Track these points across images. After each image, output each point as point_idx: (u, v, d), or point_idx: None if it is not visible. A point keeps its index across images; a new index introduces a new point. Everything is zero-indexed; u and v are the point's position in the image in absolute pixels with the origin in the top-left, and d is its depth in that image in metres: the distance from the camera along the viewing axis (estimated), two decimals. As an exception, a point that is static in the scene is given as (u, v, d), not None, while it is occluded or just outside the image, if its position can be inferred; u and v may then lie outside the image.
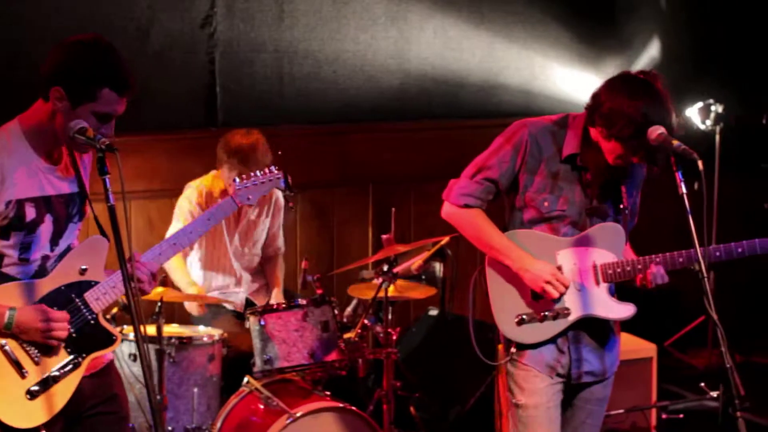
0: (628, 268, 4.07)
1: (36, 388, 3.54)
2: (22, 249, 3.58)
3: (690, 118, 7.31)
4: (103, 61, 3.50)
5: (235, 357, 5.58)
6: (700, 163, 3.64)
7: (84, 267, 3.64)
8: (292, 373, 5.20)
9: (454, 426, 6.02)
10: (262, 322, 5.16)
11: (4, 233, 3.54)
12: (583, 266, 4.08)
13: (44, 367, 3.56)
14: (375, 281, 5.54)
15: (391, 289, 5.41)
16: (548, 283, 4.01)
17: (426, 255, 5.74)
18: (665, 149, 3.78)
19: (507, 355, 4.12)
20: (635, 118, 3.83)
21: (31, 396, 3.54)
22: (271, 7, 6.83)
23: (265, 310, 5.21)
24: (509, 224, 4.17)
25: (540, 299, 4.07)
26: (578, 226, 4.10)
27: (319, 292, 5.32)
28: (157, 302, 5.17)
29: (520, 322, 4.07)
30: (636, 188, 4.22)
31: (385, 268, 5.39)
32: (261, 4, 6.80)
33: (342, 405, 5.00)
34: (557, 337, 4.09)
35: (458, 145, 6.50)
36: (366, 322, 5.42)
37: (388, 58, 7.19)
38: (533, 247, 4.07)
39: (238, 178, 4.06)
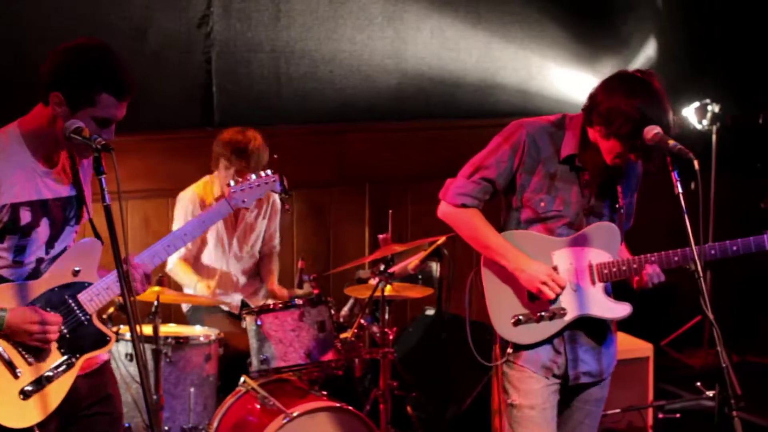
0: (624, 268, 4.07)
1: (29, 388, 3.55)
2: (17, 252, 3.58)
3: (686, 117, 7.31)
4: (102, 66, 3.50)
5: (232, 357, 5.58)
6: (696, 163, 3.64)
7: (77, 268, 3.64)
8: (289, 373, 5.20)
9: (450, 426, 6.02)
10: (259, 322, 5.16)
11: None
12: (578, 266, 4.08)
13: (38, 368, 3.56)
14: (372, 281, 5.54)
15: (387, 288, 5.42)
16: (544, 283, 4.01)
17: (423, 255, 5.74)
18: (661, 149, 3.79)
19: (503, 356, 4.12)
20: (633, 116, 3.83)
21: (25, 396, 3.54)
22: (268, 7, 6.83)
23: (262, 310, 5.21)
24: (505, 224, 4.17)
25: (536, 300, 4.07)
26: (574, 226, 4.10)
27: (316, 291, 5.32)
28: (153, 302, 5.17)
29: (516, 323, 4.07)
30: (632, 188, 4.22)
31: (382, 267, 5.40)
32: (258, 4, 6.80)
33: (339, 405, 5.00)
34: (553, 337, 4.09)
35: (455, 145, 6.51)
36: (362, 321, 5.42)
37: (385, 58, 7.19)
38: (529, 247, 4.07)
39: (233, 181, 4.05)
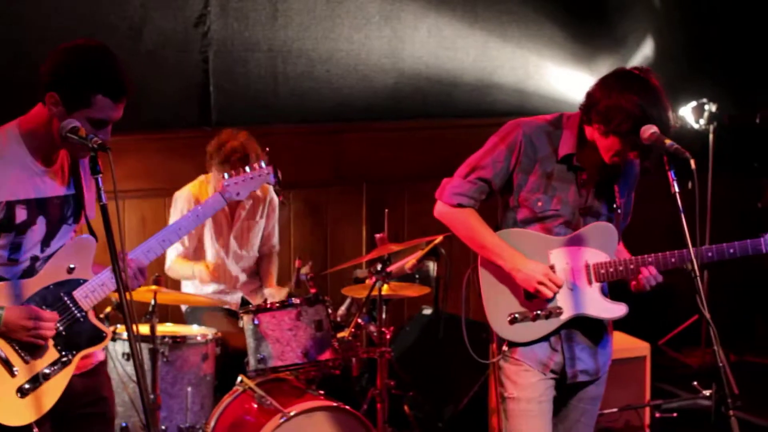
0: (621, 268, 4.06)
1: (27, 386, 3.55)
2: (12, 249, 3.58)
3: (683, 117, 7.31)
4: (98, 67, 3.50)
5: (229, 356, 5.57)
6: (692, 162, 3.65)
7: (72, 266, 3.65)
8: (286, 372, 5.20)
9: (447, 425, 6.02)
10: (256, 321, 5.16)
11: None
12: (575, 266, 4.08)
13: (34, 365, 3.57)
14: (369, 280, 5.54)
15: (384, 288, 5.41)
16: (541, 283, 4.01)
17: (420, 254, 5.72)
18: (658, 148, 3.78)
19: (499, 354, 4.12)
20: (633, 112, 3.82)
21: (22, 394, 3.55)
22: (265, 6, 6.82)
23: (259, 309, 5.21)
24: (502, 224, 4.16)
25: (533, 299, 4.07)
26: (571, 226, 4.10)
27: (313, 291, 5.31)
28: (150, 302, 5.16)
29: (513, 321, 4.07)
30: (629, 188, 4.22)
31: (379, 267, 5.39)
32: (255, 3, 6.80)
33: (336, 404, 5.00)
34: (550, 336, 4.09)
35: (452, 145, 6.50)
36: (360, 321, 5.42)
37: (382, 57, 7.19)
38: (526, 246, 4.07)
39: (227, 174, 4.04)
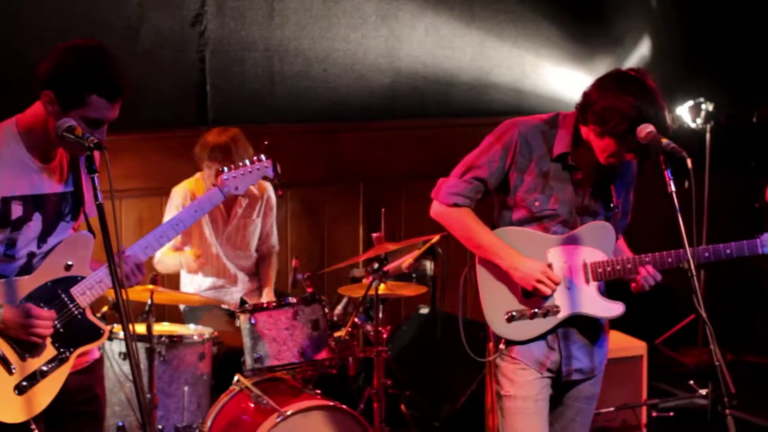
0: (618, 267, 4.07)
1: (24, 383, 3.56)
2: (8, 245, 3.59)
3: (680, 116, 7.31)
4: (94, 67, 3.50)
5: (226, 355, 5.57)
6: (689, 161, 3.65)
7: (70, 262, 3.65)
8: (283, 372, 5.19)
9: (444, 424, 6.02)
10: (253, 321, 5.15)
11: None
12: (573, 264, 4.08)
13: (32, 362, 3.57)
14: (365, 280, 5.54)
15: (381, 287, 5.41)
16: (539, 281, 4.01)
17: (416, 253, 5.72)
18: (654, 148, 3.78)
19: (496, 352, 4.12)
20: (630, 114, 3.82)
21: (20, 391, 3.56)
22: (262, 6, 6.82)
23: (256, 309, 5.20)
24: (498, 223, 4.16)
25: (530, 297, 4.07)
26: (569, 225, 4.10)
27: (310, 290, 5.31)
28: (147, 301, 5.16)
29: (510, 319, 4.07)
30: (626, 187, 4.22)
31: (376, 266, 5.39)
32: (251, 3, 6.79)
33: (332, 403, 5.00)
34: (547, 334, 4.09)
35: (449, 144, 6.51)
36: (356, 320, 5.42)
37: (379, 57, 7.19)
38: (523, 245, 4.07)
39: (226, 168, 4.01)
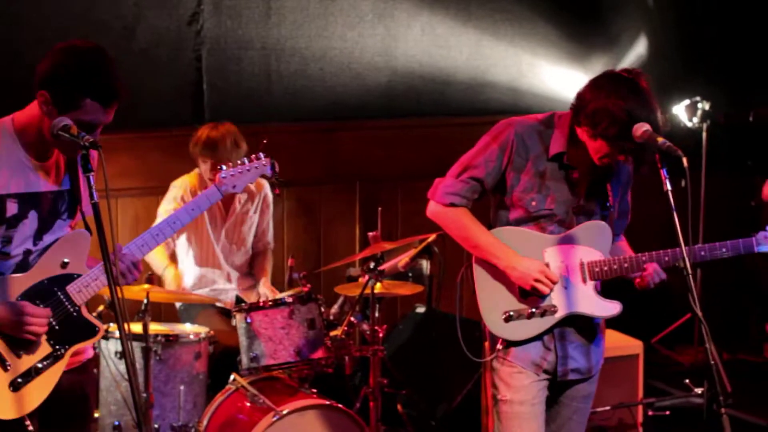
0: (615, 267, 4.07)
1: (19, 380, 3.56)
2: (3, 243, 3.59)
3: (677, 115, 7.32)
4: (90, 70, 3.49)
5: (222, 354, 5.57)
6: (684, 160, 3.65)
7: (66, 260, 3.65)
8: (279, 371, 5.19)
9: (441, 423, 6.01)
10: (249, 320, 5.15)
11: None
12: (570, 264, 4.08)
13: (27, 359, 3.58)
14: (362, 279, 5.53)
15: (377, 286, 5.41)
16: (537, 280, 4.01)
17: (413, 252, 5.73)
18: (650, 146, 3.79)
19: (493, 352, 4.13)
20: (620, 117, 3.82)
21: (15, 388, 3.56)
22: (258, 5, 6.82)
23: (252, 308, 5.20)
24: (494, 223, 4.16)
25: (528, 296, 4.07)
26: (565, 225, 4.10)
27: (306, 289, 5.31)
28: (143, 300, 5.16)
29: (508, 319, 4.07)
30: (623, 186, 4.22)
31: (372, 265, 5.39)
32: (248, 2, 6.79)
33: (328, 402, 4.99)
34: (543, 334, 4.10)
35: (446, 143, 6.50)
36: (352, 319, 5.41)
37: (376, 56, 7.18)
38: (520, 244, 4.07)
39: (224, 166, 4.01)
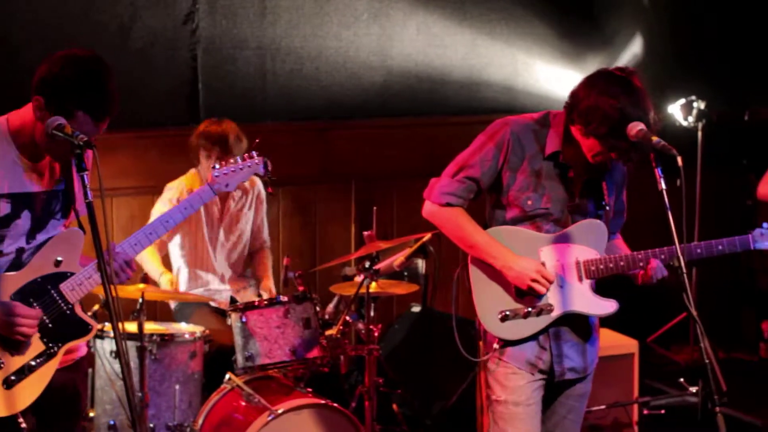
0: (611, 265, 4.07)
1: (13, 377, 3.57)
2: None
3: (672, 114, 7.32)
4: (85, 83, 3.48)
5: (217, 354, 5.57)
6: (679, 159, 3.66)
7: (59, 258, 3.66)
8: (274, 370, 5.19)
9: (436, 422, 6.02)
10: (244, 319, 5.15)
11: None
12: (566, 263, 4.09)
13: (21, 357, 3.58)
14: (357, 278, 5.53)
15: (373, 285, 5.41)
16: (534, 280, 4.01)
17: (408, 252, 5.72)
18: (645, 146, 3.79)
19: (489, 352, 4.13)
20: (612, 116, 3.83)
21: (8, 385, 3.56)
22: (254, 4, 6.81)
23: (247, 307, 5.20)
24: (490, 222, 4.16)
25: (524, 296, 4.07)
26: (561, 224, 4.10)
27: (301, 288, 5.31)
28: (138, 300, 5.16)
29: (504, 319, 4.07)
30: (618, 185, 4.22)
31: (367, 264, 5.39)
32: (243, 1, 6.79)
33: (324, 402, 4.99)
34: (539, 333, 4.10)
35: (441, 142, 6.51)
36: (348, 318, 5.41)
37: (371, 55, 7.18)
38: (516, 244, 4.07)
39: (217, 164, 4.01)
